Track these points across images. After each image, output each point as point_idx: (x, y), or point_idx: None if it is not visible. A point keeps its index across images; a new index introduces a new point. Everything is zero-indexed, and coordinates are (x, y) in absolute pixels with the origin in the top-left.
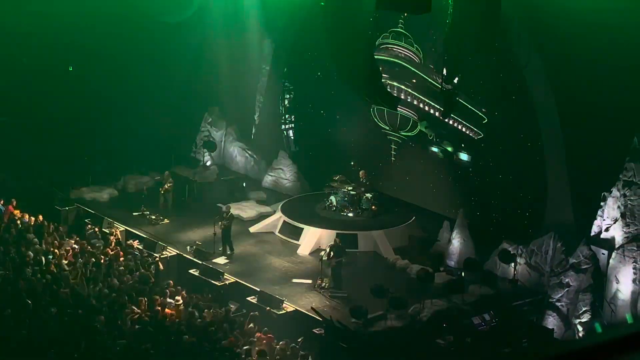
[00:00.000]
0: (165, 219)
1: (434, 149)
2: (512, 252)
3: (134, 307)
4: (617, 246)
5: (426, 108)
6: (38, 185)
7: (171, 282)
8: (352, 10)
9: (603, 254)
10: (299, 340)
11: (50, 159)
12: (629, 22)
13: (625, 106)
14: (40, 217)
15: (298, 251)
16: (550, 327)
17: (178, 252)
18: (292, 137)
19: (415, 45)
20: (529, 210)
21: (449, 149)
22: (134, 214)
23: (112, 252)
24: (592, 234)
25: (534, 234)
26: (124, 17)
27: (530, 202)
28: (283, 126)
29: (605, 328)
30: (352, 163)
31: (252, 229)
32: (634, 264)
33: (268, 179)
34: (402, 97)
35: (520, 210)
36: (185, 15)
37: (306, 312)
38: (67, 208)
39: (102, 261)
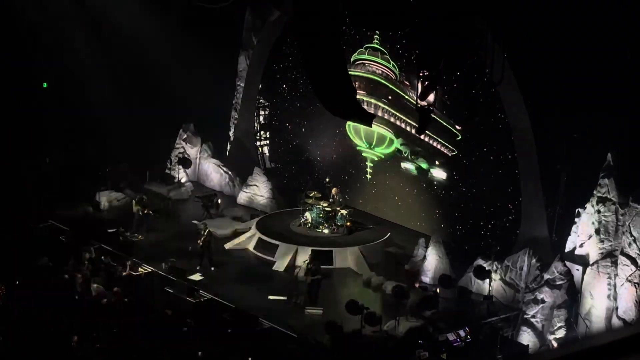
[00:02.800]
0: (140, 236)
1: (409, 166)
2: (486, 269)
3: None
4: (591, 262)
5: (402, 125)
6: (13, 203)
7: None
8: (327, 25)
9: (577, 270)
10: None
11: (24, 175)
12: (605, 39)
13: (599, 123)
14: (16, 234)
15: (273, 268)
16: (525, 343)
17: (153, 268)
18: (267, 154)
19: (391, 61)
20: (504, 227)
21: (424, 165)
22: (109, 230)
23: (86, 269)
24: (567, 250)
25: (509, 250)
26: (95, 31)
27: (505, 218)
28: (258, 143)
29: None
30: (327, 180)
31: (227, 246)
32: (608, 279)
33: (243, 196)
34: (379, 113)
35: (495, 227)
36: None
37: (282, 329)
38: (41, 225)
39: (75, 278)
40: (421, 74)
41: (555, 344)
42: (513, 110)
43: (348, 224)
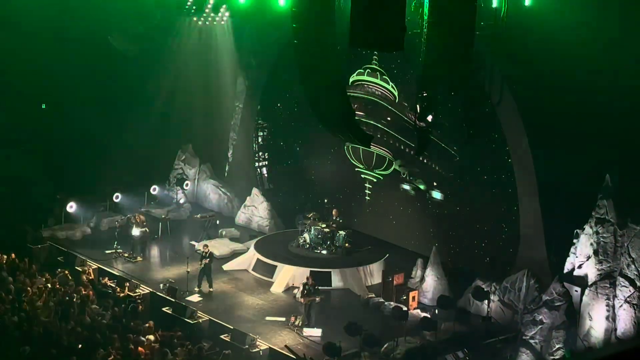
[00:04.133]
0: (138, 257)
1: (407, 187)
2: (485, 290)
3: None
4: (589, 283)
5: (401, 146)
6: (10, 224)
7: (151, 322)
8: (325, 47)
9: (576, 291)
10: None
11: (22, 196)
12: (604, 60)
13: (597, 144)
14: (13, 255)
15: (271, 289)
16: None
17: (151, 290)
18: (266, 175)
19: (390, 82)
20: (502, 248)
21: (422, 187)
22: (107, 252)
23: (85, 291)
24: (565, 271)
25: (507, 271)
26: (96, 55)
27: (504, 240)
28: (256, 164)
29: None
30: (325, 201)
31: (226, 267)
32: (607, 301)
33: (241, 217)
34: (378, 135)
35: (493, 248)
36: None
37: (279, 350)
38: (39, 246)
39: (74, 299)
40: (420, 95)
41: None
42: (511, 131)
43: (346, 245)
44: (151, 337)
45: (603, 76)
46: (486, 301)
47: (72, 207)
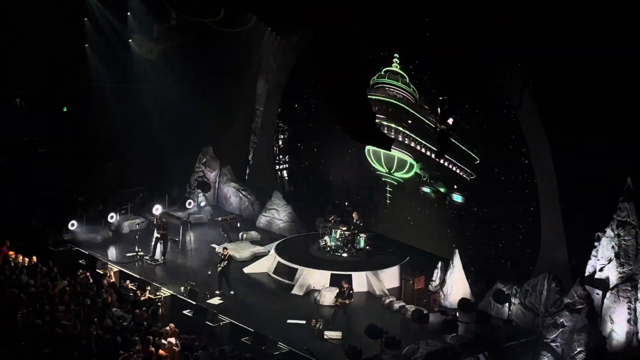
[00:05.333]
0: (159, 260)
1: (427, 190)
2: (506, 292)
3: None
4: (611, 286)
5: (422, 150)
6: (32, 227)
7: (172, 325)
8: (346, 49)
9: (597, 294)
10: None
11: (44, 199)
12: (622, 59)
13: (618, 146)
14: (35, 258)
15: (292, 292)
16: None
17: (172, 292)
18: (286, 178)
19: (411, 85)
20: (523, 250)
21: (442, 189)
22: (128, 254)
23: (106, 293)
24: (587, 274)
25: (528, 274)
26: (114, 54)
27: (524, 242)
28: (277, 166)
29: None
30: (346, 204)
31: (246, 270)
32: (628, 304)
33: (262, 220)
34: (399, 138)
35: (514, 250)
36: None
37: (300, 353)
38: (61, 249)
39: (96, 302)
40: (441, 98)
41: None
42: (532, 134)
43: (367, 247)
44: (172, 340)
45: (628, 75)
46: (507, 304)
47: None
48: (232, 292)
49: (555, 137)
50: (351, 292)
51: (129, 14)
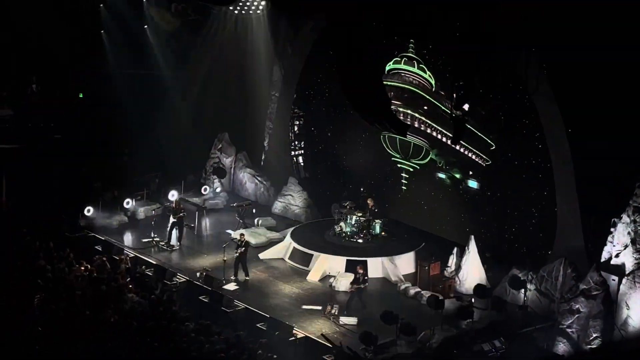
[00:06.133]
0: (175, 246)
1: (442, 176)
2: (522, 278)
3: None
4: (627, 272)
5: (438, 136)
6: (48, 212)
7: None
8: (362, 35)
9: (613, 280)
10: None
11: (60, 185)
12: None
13: (636, 131)
14: (51, 244)
15: (307, 277)
16: (560, 353)
17: (188, 278)
18: (302, 164)
19: (427, 72)
20: (539, 237)
21: (458, 175)
22: (144, 240)
23: (122, 279)
24: (602, 260)
25: (544, 260)
26: (131, 40)
27: (540, 228)
28: (293, 152)
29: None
30: (361, 190)
31: (262, 256)
32: None
33: (278, 205)
34: (415, 124)
35: (530, 237)
36: None
37: (316, 339)
38: (77, 235)
39: (112, 287)
40: (456, 84)
41: None
42: (548, 120)
43: (383, 233)
44: (188, 324)
45: None
46: (523, 290)
47: (89, 211)
48: (247, 278)
49: (572, 122)
50: (366, 277)
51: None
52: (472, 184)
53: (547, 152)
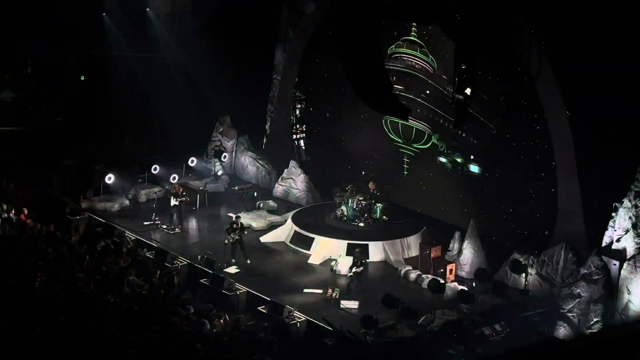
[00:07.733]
0: (176, 229)
1: (444, 160)
2: (523, 263)
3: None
4: (628, 257)
5: (440, 120)
6: (49, 195)
7: (189, 294)
8: (365, 18)
9: (614, 264)
10: None
11: (61, 168)
12: None
13: (638, 116)
14: (52, 227)
15: (309, 261)
16: (561, 337)
17: (189, 261)
18: (303, 147)
19: (430, 56)
20: (540, 221)
21: (459, 160)
22: (145, 223)
23: (124, 262)
24: (604, 244)
25: (545, 244)
26: (132, 24)
27: (541, 213)
28: (294, 136)
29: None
30: (362, 173)
31: (263, 239)
32: None
33: (279, 189)
34: (417, 109)
35: (531, 221)
36: None
37: (317, 322)
38: (78, 217)
39: (113, 270)
40: (458, 68)
41: None
42: (550, 104)
43: (384, 217)
44: (190, 308)
45: None
46: (524, 274)
47: (110, 178)
48: (248, 262)
49: (574, 107)
50: (363, 261)
51: None
52: (474, 168)
53: (548, 135)
